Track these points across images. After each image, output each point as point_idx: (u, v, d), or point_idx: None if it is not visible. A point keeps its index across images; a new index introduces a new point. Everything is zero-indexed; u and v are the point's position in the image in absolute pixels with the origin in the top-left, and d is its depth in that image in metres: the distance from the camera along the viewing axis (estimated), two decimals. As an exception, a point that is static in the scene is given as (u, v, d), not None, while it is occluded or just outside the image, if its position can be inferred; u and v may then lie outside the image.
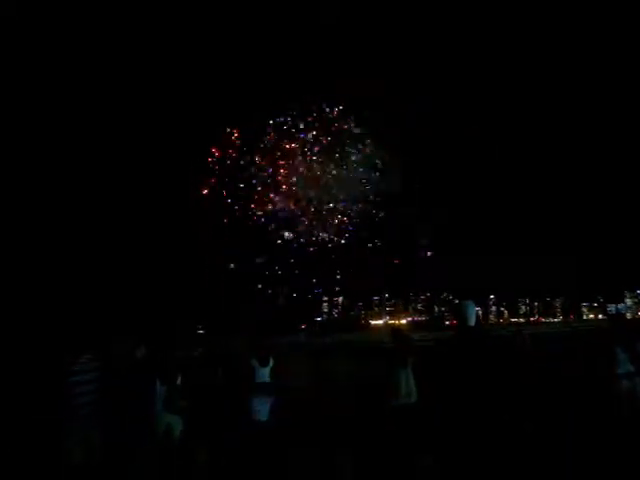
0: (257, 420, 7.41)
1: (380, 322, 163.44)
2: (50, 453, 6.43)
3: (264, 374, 7.67)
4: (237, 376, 7.67)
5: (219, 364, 8.10)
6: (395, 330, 7.99)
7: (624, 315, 9.58)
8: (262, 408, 7.48)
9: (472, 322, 4.56)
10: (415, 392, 7.16)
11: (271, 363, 7.79)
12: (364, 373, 19.21)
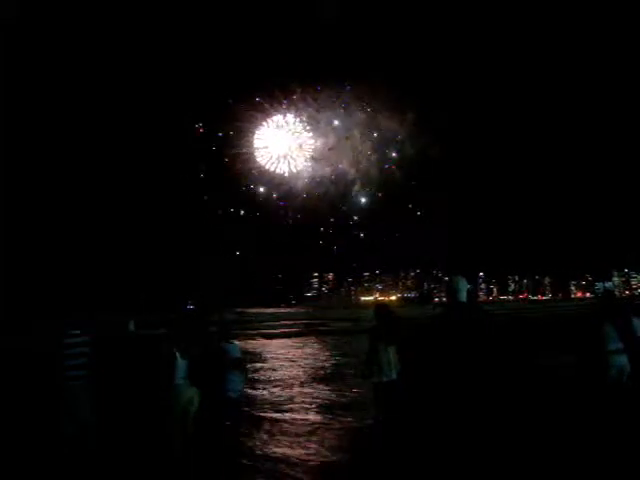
0: (229, 397, 7.49)
1: (370, 298, 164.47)
2: (42, 425, 6.45)
3: (234, 350, 7.74)
4: (209, 353, 7.72)
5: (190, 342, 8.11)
6: (379, 306, 7.91)
7: (613, 292, 9.52)
8: (234, 384, 7.55)
9: (463, 297, 4.54)
10: (396, 368, 7.19)
11: (235, 340, 7.87)
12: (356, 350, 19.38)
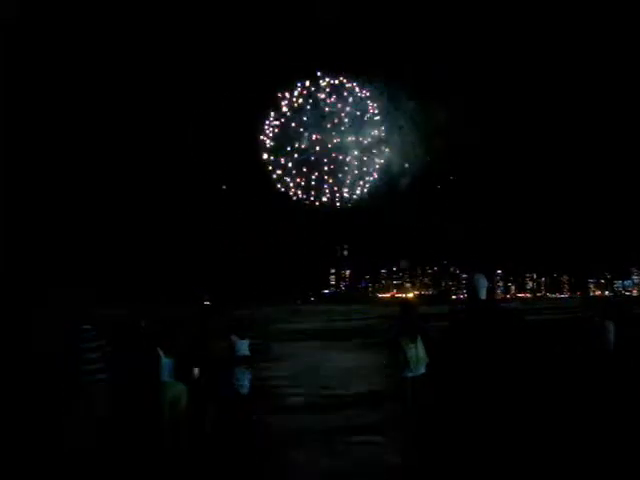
0: (239, 393, 7.56)
1: (387, 295, 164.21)
2: (55, 420, 6.41)
3: (243, 347, 7.79)
4: (217, 349, 7.77)
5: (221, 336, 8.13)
6: (404, 303, 7.92)
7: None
8: (243, 381, 7.61)
9: (483, 295, 4.47)
10: (424, 363, 7.15)
11: (249, 337, 7.95)
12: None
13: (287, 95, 29.31)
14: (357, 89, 28.51)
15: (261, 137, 29.20)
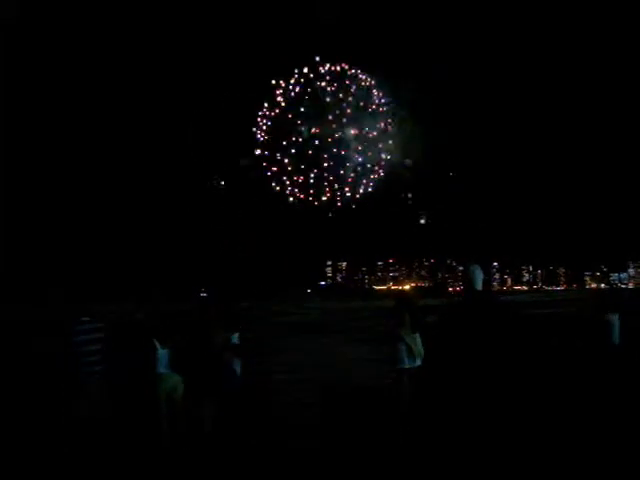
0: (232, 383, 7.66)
1: (384, 287, 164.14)
2: (56, 411, 6.44)
3: (232, 337, 7.88)
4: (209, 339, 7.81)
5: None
6: (400, 296, 7.96)
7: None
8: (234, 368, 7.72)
9: (479, 287, 4.49)
10: (421, 355, 7.21)
11: (239, 328, 8.03)
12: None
13: (282, 84, 28.40)
14: (361, 76, 27.73)
15: (254, 130, 28.41)
